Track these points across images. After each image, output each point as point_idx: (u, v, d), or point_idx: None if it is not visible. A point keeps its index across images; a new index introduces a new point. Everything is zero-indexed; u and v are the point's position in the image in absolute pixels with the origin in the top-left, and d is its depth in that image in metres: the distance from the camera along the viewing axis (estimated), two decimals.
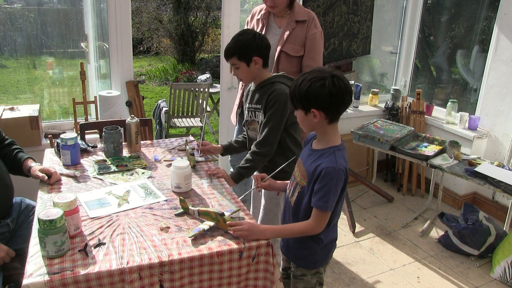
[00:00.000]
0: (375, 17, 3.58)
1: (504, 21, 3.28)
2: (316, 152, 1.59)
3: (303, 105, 1.52)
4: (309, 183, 1.57)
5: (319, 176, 1.52)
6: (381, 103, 4.13)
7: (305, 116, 1.54)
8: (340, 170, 1.51)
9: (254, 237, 1.56)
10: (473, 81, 3.87)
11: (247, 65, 2.01)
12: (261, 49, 2.02)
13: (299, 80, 1.52)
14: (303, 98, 1.50)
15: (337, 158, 1.52)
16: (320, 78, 1.47)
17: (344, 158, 1.56)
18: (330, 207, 1.53)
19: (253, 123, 2.19)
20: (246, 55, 1.99)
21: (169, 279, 1.45)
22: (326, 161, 1.53)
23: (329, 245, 1.69)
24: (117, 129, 2.19)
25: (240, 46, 1.99)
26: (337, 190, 1.53)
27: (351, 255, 2.94)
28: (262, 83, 2.09)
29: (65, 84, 3.29)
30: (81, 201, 1.75)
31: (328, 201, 1.52)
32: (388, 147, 3.16)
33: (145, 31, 9.74)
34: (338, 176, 1.51)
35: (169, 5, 9.72)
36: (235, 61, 2.02)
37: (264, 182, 1.88)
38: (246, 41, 1.99)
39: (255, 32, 2.06)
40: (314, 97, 1.48)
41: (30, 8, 3.00)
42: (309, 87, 1.48)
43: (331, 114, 1.52)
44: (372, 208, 3.61)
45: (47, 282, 1.31)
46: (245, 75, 2.06)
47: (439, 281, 2.72)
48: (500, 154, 3.41)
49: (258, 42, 2.00)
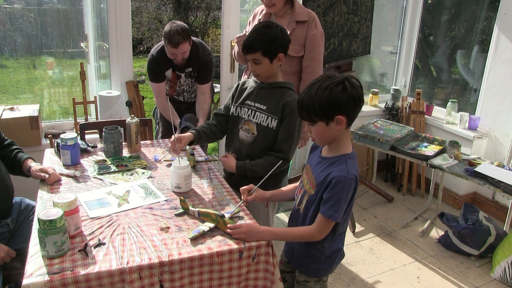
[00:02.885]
0: (375, 17, 3.58)
1: (504, 21, 3.28)
2: (327, 160, 1.55)
3: (325, 115, 1.44)
4: (318, 192, 1.53)
5: (329, 184, 1.48)
6: (381, 103, 4.13)
7: (326, 126, 1.47)
8: (351, 179, 1.47)
9: (253, 238, 1.55)
10: (473, 81, 3.87)
11: (270, 62, 1.84)
12: (286, 46, 1.87)
13: (312, 91, 1.44)
14: (325, 107, 1.43)
15: (349, 167, 1.48)
16: (337, 83, 1.42)
17: (355, 167, 1.52)
18: (339, 217, 1.50)
19: (248, 123, 2.00)
20: (272, 51, 1.81)
21: (169, 279, 1.45)
22: (338, 169, 1.48)
23: (333, 254, 1.65)
24: (117, 129, 2.19)
25: (266, 41, 1.80)
26: (347, 199, 1.50)
27: (351, 255, 2.94)
28: (274, 84, 1.94)
29: (65, 84, 3.29)
30: (81, 201, 1.75)
31: (338, 211, 1.48)
32: (388, 147, 3.16)
33: (145, 31, 9.74)
34: (349, 185, 1.47)
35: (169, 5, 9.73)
36: (258, 57, 1.82)
37: (250, 195, 1.73)
38: (273, 35, 1.80)
39: (278, 26, 1.86)
40: (338, 103, 1.42)
41: (30, 8, 3.00)
42: (329, 94, 1.41)
43: (352, 117, 1.48)
44: (372, 208, 3.61)
45: (47, 282, 1.31)
46: (265, 71, 1.89)
47: (439, 281, 2.72)
48: (500, 154, 3.41)
49: (285, 37, 1.84)
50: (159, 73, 2.84)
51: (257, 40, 1.81)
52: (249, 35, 1.86)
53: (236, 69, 3.40)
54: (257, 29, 1.85)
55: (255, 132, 1.98)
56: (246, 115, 2.00)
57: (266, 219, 2.13)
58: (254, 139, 1.99)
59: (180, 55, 2.66)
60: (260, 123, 1.96)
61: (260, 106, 1.96)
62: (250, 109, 2.00)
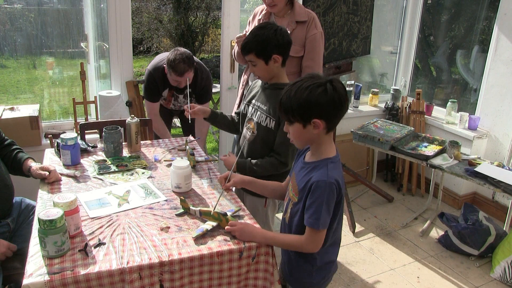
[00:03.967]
0: (375, 17, 3.57)
1: (504, 21, 3.28)
2: (309, 165, 1.48)
3: (302, 117, 1.39)
4: (301, 199, 1.46)
5: (309, 190, 1.41)
6: (381, 103, 4.13)
7: (303, 129, 1.41)
8: (331, 183, 1.39)
9: (245, 238, 1.54)
10: (473, 81, 3.87)
11: (265, 63, 1.85)
12: (282, 46, 1.85)
13: (292, 90, 1.39)
14: (302, 108, 1.37)
15: (329, 171, 1.41)
16: (319, 85, 1.36)
17: (338, 171, 1.44)
18: (322, 224, 1.41)
19: (250, 121, 2.03)
20: (265, 52, 1.83)
21: (169, 279, 1.45)
22: (317, 174, 1.41)
23: (325, 267, 1.58)
24: (117, 129, 2.19)
25: (259, 42, 1.82)
26: (329, 205, 1.40)
27: (351, 255, 2.94)
28: (276, 85, 1.93)
29: (65, 84, 3.29)
30: (81, 201, 1.75)
31: (320, 218, 1.39)
32: (388, 147, 3.16)
33: (145, 31, 9.73)
34: (329, 189, 1.39)
35: (169, 5, 9.72)
36: (253, 58, 1.85)
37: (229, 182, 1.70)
38: (266, 36, 1.81)
39: (276, 27, 1.87)
40: (316, 105, 1.36)
41: (30, 8, 3.00)
42: (308, 95, 1.35)
43: (332, 122, 1.41)
44: (372, 208, 3.61)
45: (47, 282, 1.31)
46: (262, 72, 1.91)
47: (439, 281, 2.72)
48: (500, 154, 3.41)
49: (279, 38, 1.83)
50: (156, 94, 2.88)
51: (250, 42, 1.84)
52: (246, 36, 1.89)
53: (236, 69, 3.40)
54: (252, 31, 1.88)
55: (255, 131, 1.99)
56: (250, 114, 2.04)
57: (265, 219, 2.12)
58: (255, 138, 2.00)
59: (184, 82, 2.68)
60: (260, 123, 1.98)
61: (261, 106, 1.98)
62: (253, 108, 2.03)
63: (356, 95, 3.95)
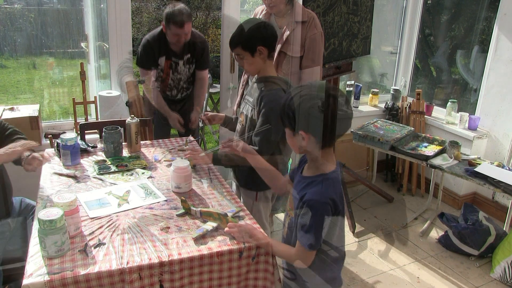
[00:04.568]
0: (375, 17, 3.57)
1: (504, 21, 3.28)
2: (305, 179, 1.42)
3: (291, 124, 1.35)
4: (296, 215, 1.40)
5: (302, 208, 1.35)
6: (381, 103, 4.13)
7: (292, 136, 1.38)
8: (325, 203, 1.32)
9: (241, 239, 1.53)
10: (473, 81, 3.87)
11: (251, 55, 1.91)
12: (267, 39, 1.91)
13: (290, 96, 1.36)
14: (292, 117, 1.33)
15: (323, 188, 1.33)
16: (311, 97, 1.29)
17: (334, 188, 1.36)
18: (313, 246, 1.35)
19: (241, 114, 2.09)
20: (250, 45, 1.89)
21: (169, 279, 1.45)
22: (311, 192, 1.34)
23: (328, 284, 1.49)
24: (117, 129, 2.19)
25: (244, 35, 1.89)
26: (320, 226, 1.33)
27: (351, 255, 2.94)
28: (262, 78, 1.99)
29: (65, 84, 3.29)
30: (81, 201, 1.75)
31: (310, 239, 1.33)
32: (388, 147, 3.16)
33: (145, 31, 9.73)
34: (322, 210, 1.32)
35: None
36: (240, 51, 1.92)
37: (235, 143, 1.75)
38: (250, 30, 1.89)
39: (260, 21, 1.96)
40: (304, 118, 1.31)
41: (30, 8, 3.00)
42: (299, 105, 1.30)
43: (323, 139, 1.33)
44: (372, 208, 3.61)
45: (47, 282, 1.31)
46: (250, 66, 1.96)
47: (439, 281, 2.72)
48: (500, 154, 3.41)
49: (263, 31, 1.90)
50: (152, 59, 2.82)
51: (237, 36, 1.92)
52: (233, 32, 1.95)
53: (236, 69, 3.40)
54: (238, 26, 1.95)
55: (244, 123, 2.05)
56: (241, 108, 2.12)
57: (258, 215, 2.09)
58: (243, 129, 2.06)
59: (183, 36, 2.65)
60: (247, 115, 2.03)
61: (249, 98, 2.05)
62: (244, 102, 2.11)
63: (356, 95, 3.95)
